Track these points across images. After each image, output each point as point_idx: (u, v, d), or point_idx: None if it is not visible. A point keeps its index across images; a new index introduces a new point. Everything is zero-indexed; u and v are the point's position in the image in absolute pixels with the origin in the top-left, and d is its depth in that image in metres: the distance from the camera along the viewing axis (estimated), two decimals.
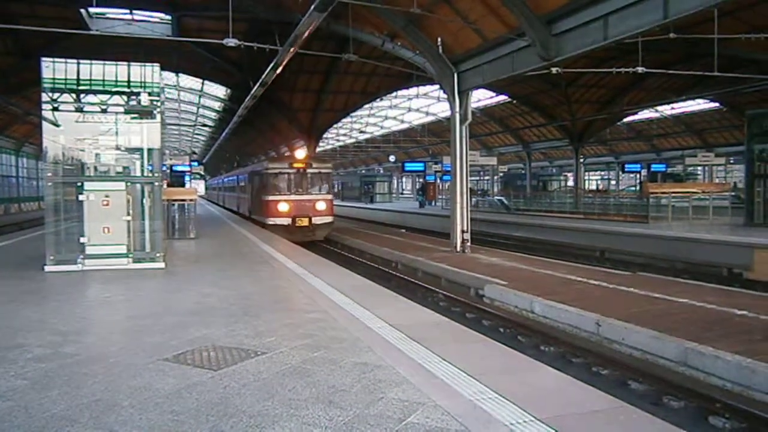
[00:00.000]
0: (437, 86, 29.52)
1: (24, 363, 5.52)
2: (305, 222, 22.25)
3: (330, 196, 23.56)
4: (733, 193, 29.20)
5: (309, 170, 23.01)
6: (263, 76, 21.84)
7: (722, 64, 20.67)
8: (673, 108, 46.66)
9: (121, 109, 12.12)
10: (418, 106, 54.40)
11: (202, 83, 41.23)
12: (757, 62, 25.41)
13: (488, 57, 17.04)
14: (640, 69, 19.35)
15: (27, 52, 24.65)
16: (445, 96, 19.21)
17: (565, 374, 5.32)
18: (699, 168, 47.75)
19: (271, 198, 22.53)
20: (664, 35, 17.22)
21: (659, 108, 45.63)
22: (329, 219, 23.33)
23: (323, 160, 26.20)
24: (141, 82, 12.08)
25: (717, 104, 43.08)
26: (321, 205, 22.81)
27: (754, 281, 14.29)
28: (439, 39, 17.93)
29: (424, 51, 18.70)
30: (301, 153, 23.85)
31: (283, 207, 22.23)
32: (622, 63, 23.18)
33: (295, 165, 22.87)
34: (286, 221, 22.13)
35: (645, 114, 48.06)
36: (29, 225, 28.86)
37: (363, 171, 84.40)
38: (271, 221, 22.30)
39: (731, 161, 47.09)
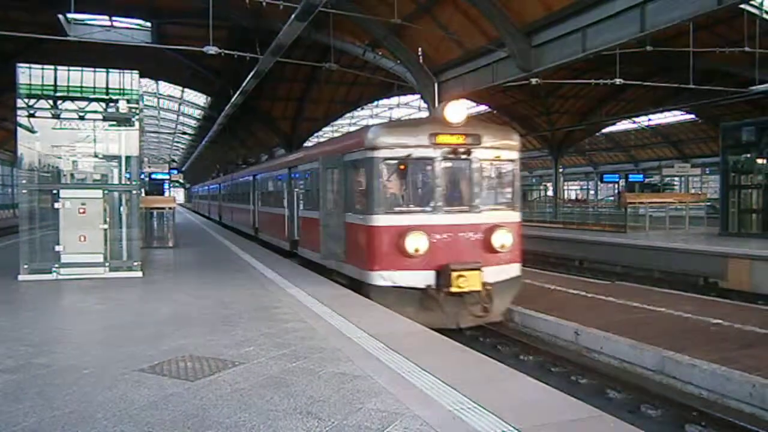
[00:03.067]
0: (418, 96, 29.69)
1: None
2: (472, 281, 9.35)
3: (517, 214, 10.62)
4: (708, 204, 29.64)
5: (477, 152, 10.01)
6: (244, 85, 21.76)
7: (698, 76, 21.05)
8: (650, 119, 47.43)
9: (99, 116, 11.99)
10: (399, 115, 54.56)
11: (182, 91, 41.06)
12: (732, 75, 25.92)
13: (469, 67, 17.22)
14: (617, 81, 19.66)
15: (2, 57, 24.30)
16: (426, 106, 19.31)
17: (544, 384, 5.33)
18: (676, 178, 48.50)
19: (381, 222, 9.63)
20: (641, 48, 17.52)
21: (637, 119, 46.32)
22: (515, 270, 10.38)
23: (502, 130, 11.20)
24: (120, 89, 11.97)
25: (693, 116, 43.89)
26: (502, 238, 9.91)
27: (728, 290, 14.49)
28: (420, 49, 18.08)
29: (405, 61, 18.82)
30: (457, 110, 9.88)
31: (415, 243, 9.37)
32: (601, 75, 23.49)
33: (446, 140, 9.81)
34: (423, 279, 9.49)
35: (623, 125, 48.77)
36: (3, 233, 28.34)
37: None
38: (383, 277, 9.55)
39: (707, 172, 47.96)
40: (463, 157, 9.88)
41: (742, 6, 17.39)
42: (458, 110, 9.85)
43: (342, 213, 10.83)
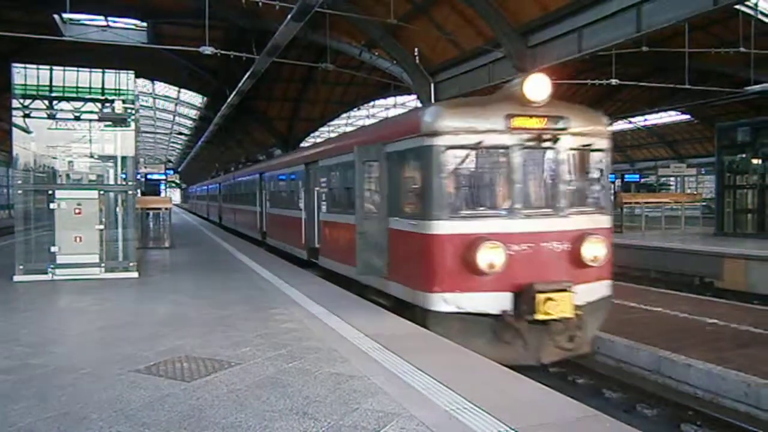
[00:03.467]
0: (414, 96, 29.72)
1: None
2: (562, 306, 7.28)
3: (608, 219, 8.44)
4: (704, 204, 29.72)
5: (564, 140, 7.89)
6: (240, 85, 21.74)
7: (693, 77, 21.12)
8: (646, 119, 47.57)
9: (95, 117, 11.96)
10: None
11: (178, 91, 40.98)
12: (727, 76, 26.00)
13: (465, 67, 17.26)
14: (614, 81, 19.69)
15: None
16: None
17: (541, 384, 5.33)
18: (671, 178, 48.63)
19: (444, 229, 7.54)
20: (637, 48, 17.56)
21: (633, 119, 46.45)
22: (606, 288, 8.23)
23: (591, 112, 8.61)
24: (115, 90, 11.96)
25: (688, 116, 44.00)
26: (594, 249, 7.78)
27: (724, 290, 14.53)
28: (416, 49, 18.08)
29: (401, 61, 18.84)
30: (539, 84, 7.69)
31: (489, 257, 7.28)
32: (597, 75, 23.55)
33: (525, 123, 7.73)
34: (498, 302, 7.47)
35: (619, 125, 48.85)
36: None
37: None
38: (447, 301, 7.46)
39: (702, 172, 48.06)
40: (547, 145, 7.79)
41: (738, 7, 17.45)
42: (541, 85, 7.69)
43: (384, 217, 8.74)
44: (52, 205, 11.32)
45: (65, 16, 21.53)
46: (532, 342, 7.53)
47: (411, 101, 44.69)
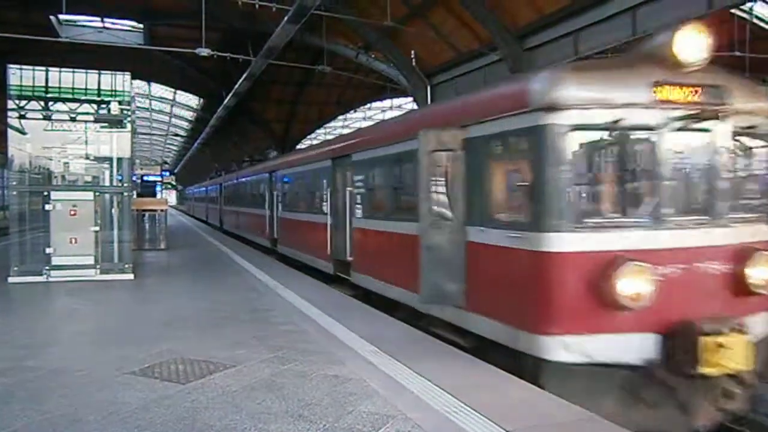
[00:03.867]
0: (411, 99, 29.80)
1: None
2: (738, 354, 5.04)
3: None
4: None
5: (727, 120, 5.60)
6: (236, 87, 21.75)
7: None
8: None
9: (91, 118, 11.95)
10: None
11: (174, 93, 40.95)
12: None
13: (461, 70, 17.30)
14: None
15: None
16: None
17: (536, 387, 5.34)
18: None
19: (566, 245, 5.28)
20: None
21: None
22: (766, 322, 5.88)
23: (750, 84, 6.28)
24: (111, 91, 11.95)
25: None
26: (764, 270, 5.57)
27: None
28: (413, 52, 18.12)
29: (398, 63, 18.88)
30: (696, 41, 5.55)
31: (634, 285, 5.10)
32: None
33: (677, 95, 5.49)
34: (640, 348, 5.28)
35: None
36: None
37: None
38: (568, 347, 5.23)
39: None
40: (703, 126, 5.58)
41: (733, 11, 17.54)
42: (698, 41, 5.59)
43: (461, 227, 6.56)
44: (47, 207, 11.29)
45: (61, 17, 21.49)
46: (687, 402, 5.44)
47: (407, 103, 44.74)
